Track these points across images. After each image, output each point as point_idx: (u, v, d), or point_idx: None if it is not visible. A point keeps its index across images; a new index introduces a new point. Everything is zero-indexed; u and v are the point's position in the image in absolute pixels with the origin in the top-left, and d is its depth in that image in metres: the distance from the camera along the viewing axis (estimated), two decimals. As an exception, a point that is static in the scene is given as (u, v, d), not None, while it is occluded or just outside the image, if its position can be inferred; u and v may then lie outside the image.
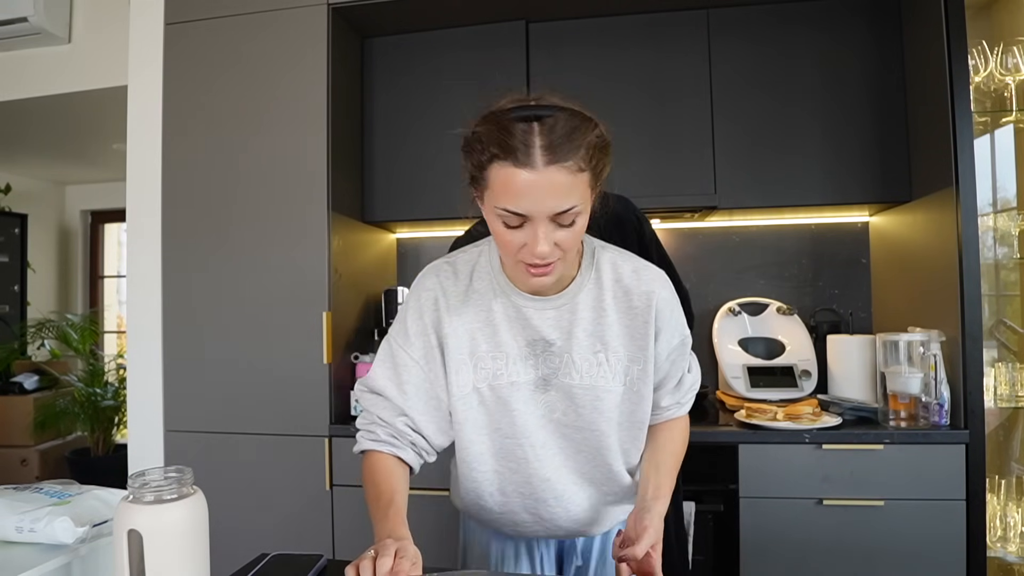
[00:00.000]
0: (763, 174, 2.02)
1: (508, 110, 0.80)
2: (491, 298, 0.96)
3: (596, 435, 0.97)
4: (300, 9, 1.98)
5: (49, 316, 4.24)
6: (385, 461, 0.95)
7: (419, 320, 0.97)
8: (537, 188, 0.78)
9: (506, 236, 0.83)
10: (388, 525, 0.83)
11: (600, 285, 0.96)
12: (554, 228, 0.81)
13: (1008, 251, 1.93)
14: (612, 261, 0.98)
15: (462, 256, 1.01)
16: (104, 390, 3.84)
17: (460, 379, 0.95)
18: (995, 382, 1.78)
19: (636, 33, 2.09)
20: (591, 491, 1.01)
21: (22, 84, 2.59)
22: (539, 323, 0.94)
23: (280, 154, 1.98)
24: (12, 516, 0.88)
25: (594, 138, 0.81)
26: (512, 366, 0.95)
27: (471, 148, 0.83)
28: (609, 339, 0.95)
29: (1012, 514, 1.74)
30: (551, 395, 0.95)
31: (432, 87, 2.16)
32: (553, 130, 0.78)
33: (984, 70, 1.82)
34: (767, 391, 1.98)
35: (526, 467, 0.97)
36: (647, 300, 0.95)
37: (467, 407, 0.96)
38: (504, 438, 0.97)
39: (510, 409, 0.95)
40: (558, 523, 1.01)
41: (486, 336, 0.95)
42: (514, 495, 1.00)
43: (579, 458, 0.99)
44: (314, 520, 1.93)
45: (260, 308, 1.98)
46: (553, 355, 0.95)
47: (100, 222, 4.98)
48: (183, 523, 0.68)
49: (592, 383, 0.94)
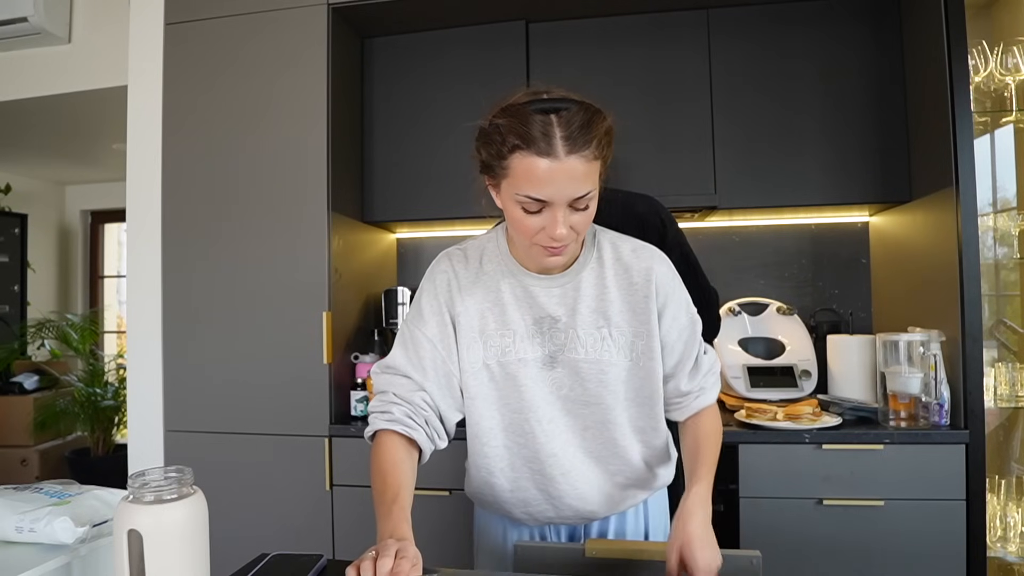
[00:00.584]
0: (763, 174, 2.02)
1: (527, 103, 0.85)
2: (499, 279, 1.01)
3: (602, 409, 1.00)
4: (300, 9, 1.98)
5: (49, 316, 4.23)
6: (396, 449, 0.95)
7: (434, 300, 1.02)
8: (558, 176, 0.83)
9: (525, 221, 0.88)
10: (391, 523, 0.84)
11: (602, 264, 1.01)
12: (570, 212, 0.87)
13: (1008, 251, 1.93)
14: (612, 242, 1.04)
15: (472, 243, 1.07)
16: (104, 390, 3.84)
17: (471, 355, 1.00)
18: (995, 382, 1.78)
19: (636, 33, 2.09)
20: (598, 469, 1.03)
21: (22, 84, 2.59)
22: (545, 301, 1.00)
23: (280, 154, 1.98)
24: (12, 516, 0.88)
25: (604, 129, 0.87)
26: (520, 343, 1.00)
27: (489, 139, 0.88)
28: (612, 314, 0.99)
29: (1012, 514, 1.74)
30: (558, 371, 1.00)
31: (432, 87, 2.16)
32: (571, 121, 0.83)
33: (984, 70, 1.82)
34: (767, 391, 1.98)
35: (533, 442, 1.01)
36: (646, 276, 1.00)
37: (478, 383, 1.01)
38: (513, 413, 1.01)
39: (518, 385, 1.00)
40: (567, 501, 1.03)
41: (495, 315, 1.00)
42: (523, 470, 1.03)
43: (586, 435, 1.02)
44: (314, 520, 1.93)
45: (260, 308, 1.98)
46: (559, 331, 0.99)
47: (100, 222, 4.98)
48: (183, 523, 0.68)
49: (597, 357, 0.99)
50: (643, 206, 1.59)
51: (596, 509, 1.05)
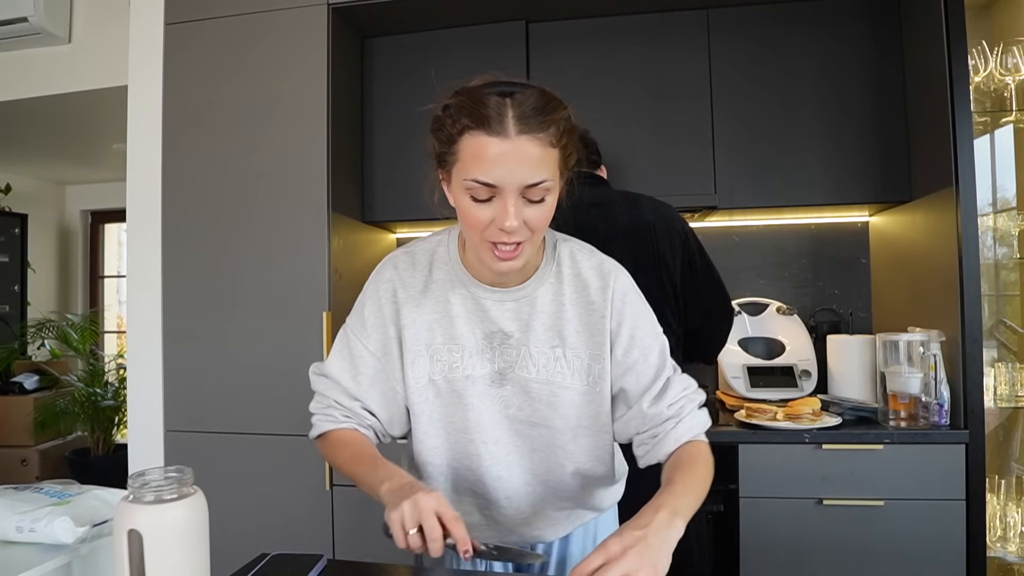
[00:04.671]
0: (763, 174, 2.02)
1: (481, 86, 0.82)
2: (449, 289, 0.95)
3: (551, 432, 0.95)
4: (300, 9, 1.98)
5: (49, 316, 4.23)
6: (350, 432, 0.95)
7: (377, 312, 0.96)
8: (509, 157, 0.78)
9: (474, 212, 0.82)
10: (386, 469, 0.83)
11: (560, 279, 0.94)
12: (524, 204, 0.81)
13: (1008, 251, 1.93)
14: (571, 254, 0.96)
15: (421, 245, 0.99)
16: (104, 390, 3.84)
17: (416, 371, 0.94)
18: (995, 382, 1.78)
19: (636, 33, 2.09)
20: (543, 492, 0.98)
21: (22, 84, 2.59)
22: (497, 315, 0.93)
23: (280, 154, 1.98)
24: (12, 516, 0.88)
25: (563, 119, 0.82)
26: (468, 359, 0.93)
27: (441, 123, 0.84)
28: (567, 334, 0.93)
29: (1012, 514, 1.74)
30: (506, 389, 0.94)
31: (432, 87, 2.15)
32: (525, 103, 0.79)
33: (984, 70, 1.82)
34: (767, 391, 1.98)
35: (478, 463, 0.95)
36: (603, 295, 0.93)
37: (423, 399, 0.95)
38: (459, 432, 0.95)
39: (464, 403, 0.94)
40: (510, 526, 0.99)
41: (443, 328, 0.94)
42: (467, 493, 0.98)
43: (533, 456, 0.96)
44: (314, 520, 1.93)
45: (260, 308, 1.97)
46: (510, 347, 0.93)
47: (100, 222, 4.98)
48: (183, 523, 0.68)
49: (548, 378, 0.93)
50: (669, 211, 1.62)
51: (541, 533, 1.01)
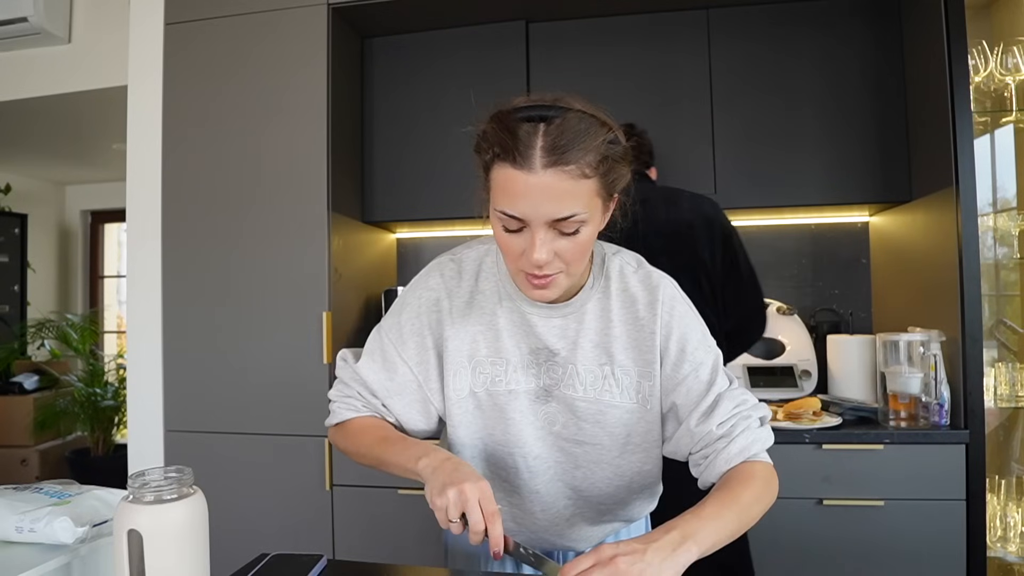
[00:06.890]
0: (763, 174, 2.02)
1: (515, 110, 0.77)
2: (496, 303, 0.92)
3: (597, 449, 0.92)
4: (300, 9, 1.98)
5: (49, 316, 4.24)
6: (373, 419, 0.95)
7: (416, 320, 0.94)
8: (533, 192, 0.74)
9: (506, 241, 0.80)
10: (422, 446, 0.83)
11: (608, 295, 0.91)
12: (554, 236, 0.77)
13: (1008, 251, 1.93)
14: (620, 268, 0.93)
15: (468, 253, 0.96)
16: (104, 390, 3.84)
17: (458, 383, 0.92)
18: (995, 382, 1.78)
19: (636, 33, 2.09)
20: (584, 506, 0.96)
21: (22, 84, 2.59)
22: (544, 332, 0.90)
23: (280, 154, 1.98)
24: (12, 516, 0.88)
25: (604, 144, 0.76)
26: (512, 374, 0.91)
27: (478, 148, 0.81)
28: (615, 352, 0.90)
29: (1012, 514, 1.74)
30: (551, 406, 0.91)
31: (432, 87, 2.16)
32: (559, 132, 0.74)
33: (984, 70, 1.82)
34: (767, 391, 1.98)
35: (516, 477, 0.93)
36: (651, 309, 0.89)
37: (462, 411, 0.93)
38: (497, 444, 0.93)
39: (506, 417, 0.91)
40: (544, 536, 0.98)
41: (488, 341, 0.92)
42: (500, 502, 0.94)
43: (576, 474, 0.93)
44: (314, 520, 1.92)
45: (260, 308, 1.97)
46: (556, 365, 0.90)
47: (100, 222, 4.99)
48: (183, 523, 0.68)
49: (596, 396, 0.89)
50: (711, 208, 1.62)
51: (573, 544, 0.99)
